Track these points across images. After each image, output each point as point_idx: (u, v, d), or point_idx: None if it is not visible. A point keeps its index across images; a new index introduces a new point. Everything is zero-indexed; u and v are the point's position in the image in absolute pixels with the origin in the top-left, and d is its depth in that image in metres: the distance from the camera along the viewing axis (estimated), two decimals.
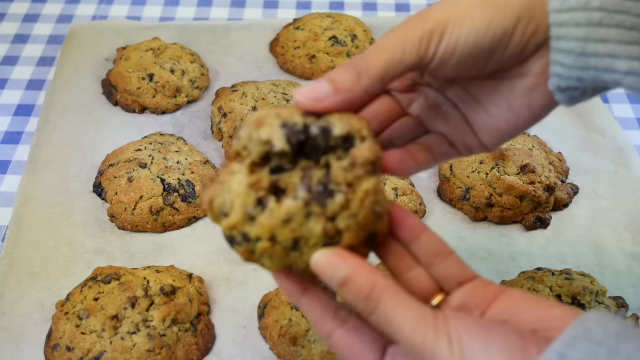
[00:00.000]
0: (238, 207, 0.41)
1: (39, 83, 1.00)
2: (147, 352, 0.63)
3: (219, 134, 0.89)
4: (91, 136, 0.89)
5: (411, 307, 0.39)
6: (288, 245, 0.41)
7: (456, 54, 0.43)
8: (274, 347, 0.66)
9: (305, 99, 0.43)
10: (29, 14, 1.13)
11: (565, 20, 0.43)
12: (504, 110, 0.47)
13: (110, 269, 0.70)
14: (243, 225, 0.41)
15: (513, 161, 0.79)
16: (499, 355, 0.37)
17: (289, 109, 0.43)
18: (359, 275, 0.40)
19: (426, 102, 0.50)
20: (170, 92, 0.92)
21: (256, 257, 0.42)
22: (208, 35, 1.05)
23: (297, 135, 0.41)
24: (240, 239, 0.42)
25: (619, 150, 0.88)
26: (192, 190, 0.79)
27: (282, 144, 0.41)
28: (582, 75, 0.44)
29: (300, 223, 0.41)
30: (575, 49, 0.43)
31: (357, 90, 0.43)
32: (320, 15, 1.03)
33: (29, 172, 0.84)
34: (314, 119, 0.42)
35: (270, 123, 0.41)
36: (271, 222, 0.41)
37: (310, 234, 0.41)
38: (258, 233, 0.41)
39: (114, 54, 1.01)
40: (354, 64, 0.44)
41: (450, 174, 0.82)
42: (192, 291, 0.69)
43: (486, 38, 0.43)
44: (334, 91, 0.43)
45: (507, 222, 0.79)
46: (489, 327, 0.38)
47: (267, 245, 0.41)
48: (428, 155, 0.50)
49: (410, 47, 0.43)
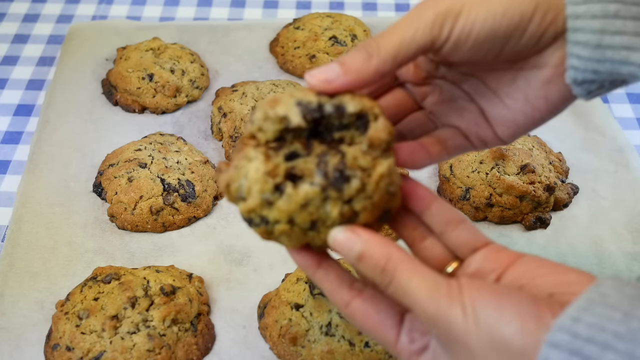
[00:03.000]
0: (256, 193, 0.42)
1: (39, 83, 1.00)
2: (147, 352, 0.63)
3: (219, 134, 0.89)
4: (91, 136, 0.89)
5: (425, 277, 0.40)
6: (306, 227, 0.43)
7: (472, 37, 0.43)
8: (274, 347, 0.66)
9: (315, 79, 0.43)
10: (29, 14, 1.13)
11: (582, 12, 0.42)
12: (521, 102, 0.47)
13: (110, 269, 0.70)
14: (261, 209, 0.42)
15: (513, 161, 0.79)
16: (512, 320, 0.37)
17: (302, 90, 0.44)
18: (374, 249, 0.41)
19: (441, 96, 0.50)
20: (170, 92, 0.92)
21: (274, 237, 0.44)
22: (208, 35, 1.05)
23: (311, 112, 0.42)
24: (259, 221, 0.43)
25: (619, 150, 0.88)
26: (192, 190, 0.79)
27: (299, 120, 0.42)
28: (598, 68, 0.43)
29: (318, 207, 0.42)
30: (591, 41, 0.43)
31: (367, 70, 0.43)
32: (320, 15, 1.03)
33: (29, 172, 0.84)
34: (327, 98, 0.43)
35: (286, 101, 0.42)
36: (289, 207, 0.42)
37: (327, 217, 0.42)
38: (276, 217, 0.42)
39: (114, 54, 1.01)
40: (365, 44, 0.43)
41: (450, 174, 0.82)
42: (192, 291, 0.69)
43: (503, 22, 0.42)
44: (343, 72, 0.43)
45: (507, 222, 0.79)
46: (502, 293, 0.39)
47: (286, 228, 0.43)
48: (441, 148, 0.50)
49: (424, 27, 0.42)
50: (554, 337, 0.36)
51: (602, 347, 0.35)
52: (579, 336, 0.35)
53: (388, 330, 0.43)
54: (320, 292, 0.66)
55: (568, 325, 0.36)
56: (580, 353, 0.35)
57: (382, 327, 0.43)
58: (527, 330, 0.36)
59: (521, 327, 0.37)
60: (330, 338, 0.63)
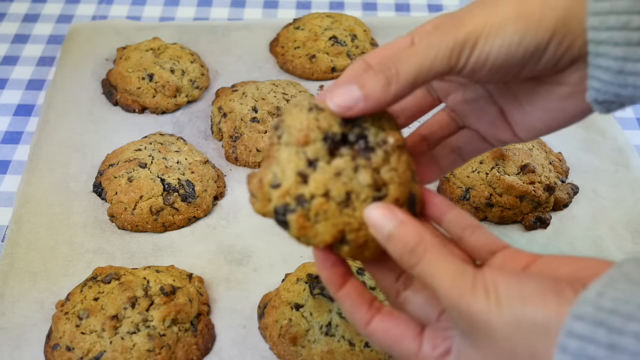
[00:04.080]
0: (291, 172, 0.45)
1: (39, 83, 1.00)
2: (147, 352, 0.63)
3: (219, 134, 0.89)
4: (91, 136, 0.89)
5: (452, 263, 0.42)
6: (341, 200, 0.45)
7: (487, 66, 0.44)
8: (274, 347, 0.66)
9: (336, 106, 0.45)
10: (29, 14, 1.13)
11: (604, 38, 0.43)
12: (539, 110, 0.49)
13: (110, 269, 0.70)
14: (297, 188, 0.45)
15: (513, 161, 0.79)
16: (534, 297, 0.38)
17: (323, 113, 0.46)
18: (408, 228, 0.43)
19: (464, 95, 0.52)
20: (170, 92, 0.92)
21: (310, 223, 0.45)
22: (208, 35, 1.05)
23: (336, 144, 0.46)
24: (295, 204, 0.45)
25: (619, 150, 0.88)
26: (192, 190, 0.79)
27: (325, 152, 0.46)
28: (620, 92, 0.44)
29: (350, 177, 0.45)
30: (613, 67, 0.44)
31: (386, 97, 0.44)
32: (320, 15, 1.03)
33: (29, 172, 0.84)
34: (349, 127, 0.46)
35: (314, 139, 0.45)
36: (324, 177, 0.45)
37: (360, 187, 0.45)
38: (312, 190, 0.44)
39: (114, 54, 1.01)
40: (385, 68, 0.44)
41: (450, 174, 0.82)
42: (192, 291, 0.69)
43: (518, 52, 0.43)
44: (364, 98, 0.44)
45: (507, 222, 0.79)
46: (524, 275, 0.40)
47: (322, 201, 0.45)
48: (455, 157, 0.54)
49: (442, 56, 0.43)
50: (578, 309, 0.36)
51: (626, 318, 0.35)
52: (603, 308, 0.36)
53: (410, 342, 0.45)
54: (320, 292, 0.66)
55: (592, 298, 0.36)
56: (605, 324, 0.35)
57: (404, 339, 0.45)
58: (550, 306, 0.37)
59: (543, 303, 0.38)
60: (330, 338, 0.63)
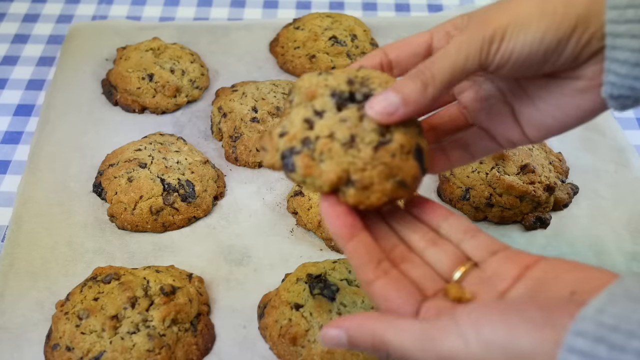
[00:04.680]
0: (298, 120, 0.48)
1: (39, 83, 1.00)
2: (147, 352, 0.63)
3: (219, 134, 0.89)
4: (91, 136, 0.89)
5: (412, 330, 0.42)
6: (346, 142, 0.47)
7: (511, 61, 0.46)
8: (274, 347, 0.66)
9: (377, 114, 0.46)
10: (29, 14, 1.13)
11: (622, 31, 0.44)
12: (552, 107, 0.50)
13: (110, 269, 0.70)
14: (303, 133, 0.48)
15: (513, 161, 0.79)
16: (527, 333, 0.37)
17: (335, 74, 0.50)
18: (356, 334, 0.44)
19: (477, 93, 0.54)
20: (170, 92, 0.92)
21: (315, 162, 0.47)
22: (208, 35, 1.05)
23: (344, 101, 0.49)
24: (300, 146, 0.47)
25: (619, 150, 0.88)
26: (192, 190, 0.79)
27: (332, 109, 0.49)
28: (636, 85, 0.45)
29: (356, 124, 0.47)
30: (630, 59, 0.45)
31: (424, 100, 0.46)
32: (320, 15, 1.03)
33: (29, 172, 0.84)
34: (358, 86, 0.49)
35: (321, 94, 0.49)
36: (329, 122, 0.47)
37: (365, 132, 0.47)
38: (317, 133, 0.47)
39: (114, 54, 1.01)
40: (420, 73, 0.46)
41: (450, 174, 0.82)
42: (192, 291, 0.69)
43: (541, 48, 0.45)
44: (403, 104, 0.46)
45: (507, 222, 0.79)
46: (509, 310, 0.39)
47: (327, 141, 0.47)
48: (463, 153, 0.54)
49: (473, 55, 0.46)
50: (578, 325, 0.36)
51: (628, 335, 0.35)
52: (604, 325, 0.36)
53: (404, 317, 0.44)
54: (320, 292, 0.66)
55: (592, 315, 0.36)
56: (606, 340, 0.35)
57: (399, 312, 0.44)
58: (546, 337, 0.37)
59: (539, 336, 0.37)
60: None
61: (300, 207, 0.78)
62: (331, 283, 0.67)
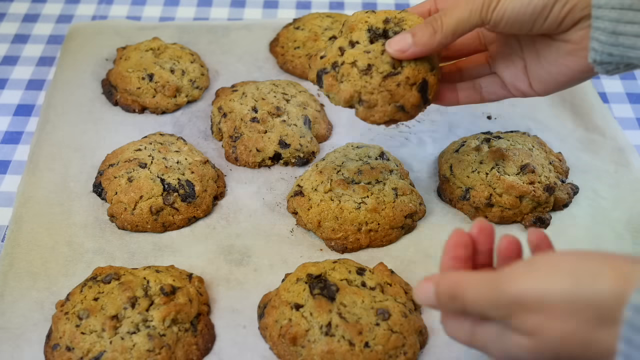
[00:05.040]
0: (335, 47, 0.66)
1: (39, 83, 1.00)
2: (147, 352, 0.63)
3: (219, 134, 0.89)
4: (91, 136, 0.89)
5: (479, 276, 0.48)
6: (363, 69, 0.63)
7: (504, 19, 0.57)
8: (274, 347, 0.66)
9: (392, 49, 0.62)
10: (29, 14, 1.13)
11: (603, 3, 0.54)
12: (550, 65, 0.61)
13: (110, 269, 0.70)
14: (335, 57, 0.65)
15: (513, 161, 0.79)
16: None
17: (378, 13, 0.66)
18: (441, 285, 0.50)
19: (501, 46, 0.66)
20: (170, 92, 0.92)
21: (337, 82, 0.64)
22: (208, 35, 1.05)
23: (377, 36, 0.64)
24: (330, 68, 0.65)
25: (619, 150, 0.88)
26: (192, 190, 0.78)
27: (365, 41, 0.64)
28: (613, 51, 0.55)
29: (376, 56, 0.63)
30: (608, 28, 0.54)
31: (432, 44, 0.60)
32: (320, 15, 1.03)
33: (29, 172, 0.84)
34: (392, 25, 0.64)
35: (360, 28, 0.65)
36: (355, 52, 0.64)
37: (381, 63, 0.63)
38: (344, 59, 0.64)
39: (114, 54, 1.01)
40: (432, 21, 0.60)
41: (450, 174, 0.82)
42: (192, 291, 0.69)
43: (527, 10, 0.56)
44: (414, 44, 0.61)
45: (507, 222, 0.79)
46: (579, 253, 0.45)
47: (348, 67, 0.64)
48: (474, 93, 0.69)
49: (475, 12, 0.58)
50: None
51: None
52: None
53: None
54: (320, 292, 0.66)
55: None
56: None
57: None
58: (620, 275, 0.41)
59: (614, 274, 0.41)
60: (330, 338, 0.63)
61: (300, 207, 0.78)
62: (331, 283, 0.67)
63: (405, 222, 0.77)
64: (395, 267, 0.74)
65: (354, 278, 0.68)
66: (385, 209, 0.76)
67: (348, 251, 0.76)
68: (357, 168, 0.78)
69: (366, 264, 0.72)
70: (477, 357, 0.67)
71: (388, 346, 0.63)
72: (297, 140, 0.85)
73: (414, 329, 0.66)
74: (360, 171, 0.77)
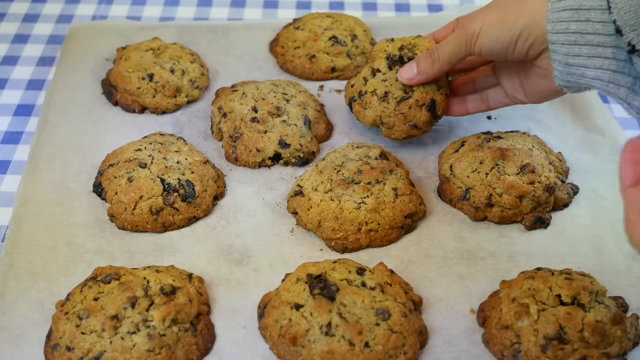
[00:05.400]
0: (361, 77, 0.83)
1: (39, 83, 1.00)
2: (147, 352, 0.63)
3: (219, 134, 0.89)
4: (91, 136, 0.89)
5: None
6: (381, 96, 0.80)
7: (484, 51, 0.71)
8: (274, 347, 0.66)
9: (402, 79, 0.79)
10: (29, 14, 1.13)
11: (556, 39, 0.65)
12: (534, 84, 0.73)
13: (110, 269, 0.70)
14: (360, 87, 0.83)
15: (513, 161, 0.79)
16: None
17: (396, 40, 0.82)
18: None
19: (505, 63, 0.77)
20: (170, 92, 0.92)
21: (362, 108, 0.82)
22: (208, 35, 1.05)
23: (394, 62, 0.80)
24: (357, 97, 0.83)
25: (619, 150, 0.88)
26: (192, 190, 0.78)
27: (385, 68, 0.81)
28: (569, 78, 0.67)
29: (392, 83, 0.80)
30: (562, 60, 0.66)
31: (432, 72, 0.76)
32: (320, 15, 1.03)
33: (29, 172, 0.84)
34: (407, 51, 0.80)
35: (380, 56, 0.82)
36: (375, 81, 0.81)
37: (395, 89, 0.80)
38: (367, 88, 0.82)
39: (114, 54, 1.01)
40: (431, 52, 0.76)
41: (450, 174, 0.82)
42: (192, 291, 0.69)
43: (496, 45, 0.69)
44: (418, 72, 0.77)
45: (507, 222, 0.79)
46: None
47: (370, 96, 0.81)
48: (481, 103, 0.82)
49: (462, 45, 0.72)
50: None
51: None
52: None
53: None
54: (320, 292, 0.66)
55: None
56: None
57: None
58: None
59: None
60: (330, 338, 0.63)
61: (300, 207, 0.78)
62: (331, 283, 0.67)
63: (405, 222, 0.77)
64: (395, 267, 0.74)
65: (354, 278, 0.68)
66: (385, 209, 0.76)
67: (348, 251, 0.76)
68: (357, 168, 0.78)
69: (366, 264, 0.72)
70: (477, 357, 0.67)
71: (388, 346, 0.63)
72: (297, 140, 0.85)
73: (414, 329, 0.66)
74: (360, 171, 0.77)
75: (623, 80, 0.63)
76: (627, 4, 0.60)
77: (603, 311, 0.65)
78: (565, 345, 0.63)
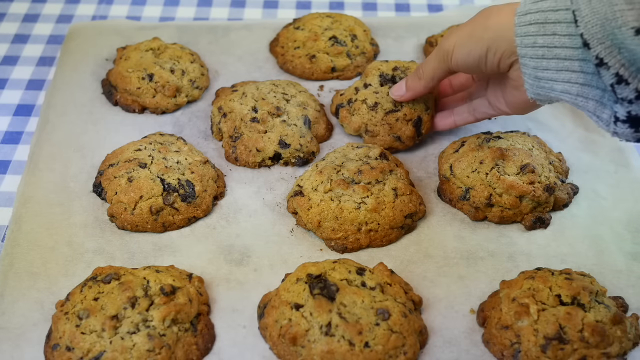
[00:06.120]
0: (352, 87, 0.88)
1: (39, 83, 1.00)
2: (147, 352, 0.63)
3: (219, 134, 0.89)
4: (91, 136, 0.89)
5: None
6: (371, 106, 0.84)
7: (460, 65, 0.73)
8: (274, 347, 0.66)
9: (393, 95, 0.84)
10: (29, 14, 1.13)
11: (524, 53, 0.65)
12: (512, 95, 0.75)
13: (110, 269, 0.70)
14: (351, 95, 0.87)
15: (513, 161, 0.79)
16: None
17: (390, 62, 0.89)
18: None
19: (490, 78, 0.80)
20: (170, 92, 0.92)
21: (349, 115, 0.86)
22: (208, 35, 1.05)
23: (386, 80, 0.86)
24: (346, 103, 0.87)
25: (619, 150, 0.88)
26: (192, 190, 0.78)
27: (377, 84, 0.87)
28: (539, 91, 0.67)
29: (383, 96, 0.84)
30: (531, 74, 0.66)
31: (419, 88, 0.81)
32: (320, 15, 1.03)
33: (29, 172, 0.84)
34: (399, 72, 0.87)
35: (373, 74, 0.87)
36: (366, 92, 0.85)
37: (385, 102, 0.84)
38: (357, 97, 0.86)
39: (114, 54, 1.01)
40: (417, 71, 0.80)
41: (450, 174, 0.82)
42: (192, 291, 0.69)
43: (469, 59, 0.71)
44: (406, 89, 0.82)
45: (507, 222, 0.79)
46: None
47: (359, 103, 0.85)
48: (469, 115, 0.84)
49: (441, 61, 0.75)
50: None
51: None
52: None
53: None
54: (320, 292, 0.66)
55: None
56: None
57: None
58: None
59: None
60: (330, 338, 0.63)
61: (300, 207, 0.78)
62: (331, 283, 0.67)
63: (405, 222, 0.77)
64: (395, 267, 0.74)
65: (354, 278, 0.68)
66: (385, 209, 0.76)
67: (348, 251, 0.76)
68: (357, 168, 0.78)
69: (366, 264, 0.72)
70: (476, 357, 0.67)
71: (388, 346, 0.63)
72: (297, 140, 0.85)
73: (414, 329, 0.66)
74: (360, 171, 0.78)
75: (591, 94, 0.62)
76: (593, 17, 0.58)
77: (603, 311, 0.65)
78: (565, 345, 0.63)
